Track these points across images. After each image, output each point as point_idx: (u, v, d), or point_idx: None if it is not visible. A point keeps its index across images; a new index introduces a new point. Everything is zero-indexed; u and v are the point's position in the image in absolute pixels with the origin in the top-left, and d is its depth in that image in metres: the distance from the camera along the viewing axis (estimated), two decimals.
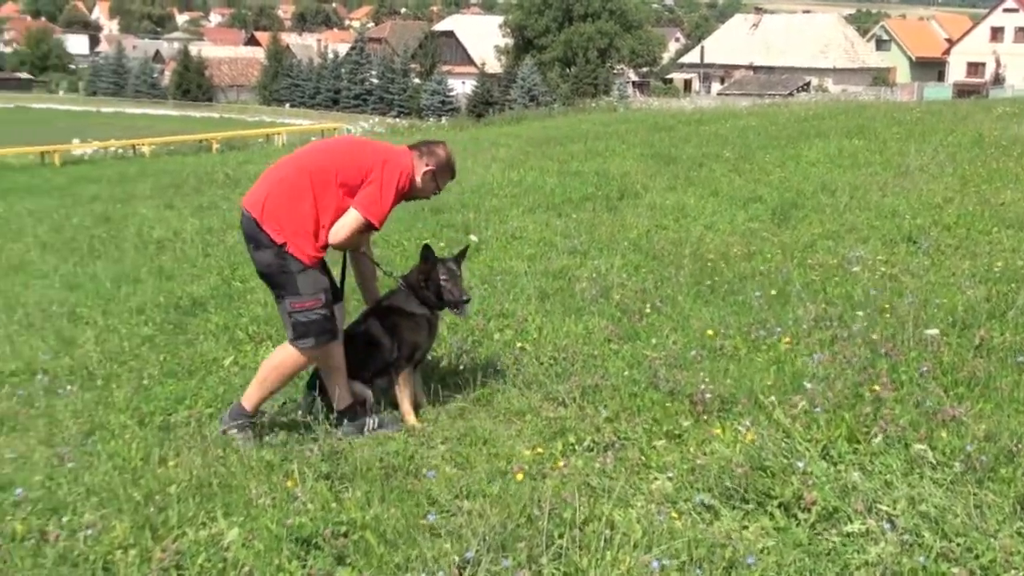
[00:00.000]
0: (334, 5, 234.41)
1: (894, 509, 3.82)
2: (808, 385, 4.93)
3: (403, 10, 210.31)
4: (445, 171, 5.14)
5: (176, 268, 9.27)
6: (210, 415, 5.22)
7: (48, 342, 6.79)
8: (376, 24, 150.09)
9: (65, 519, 3.97)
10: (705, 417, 4.87)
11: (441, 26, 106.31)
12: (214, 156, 26.02)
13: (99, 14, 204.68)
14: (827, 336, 5.95)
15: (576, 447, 4.72)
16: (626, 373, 5.58)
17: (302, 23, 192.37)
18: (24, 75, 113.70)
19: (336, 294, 5.05)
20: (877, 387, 4.85)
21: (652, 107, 31.75)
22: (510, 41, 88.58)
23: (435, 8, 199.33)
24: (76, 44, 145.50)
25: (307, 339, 4.80)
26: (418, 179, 5.03)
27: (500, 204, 11.59)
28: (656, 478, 4.30)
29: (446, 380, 5.69)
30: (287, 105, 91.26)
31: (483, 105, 71.86)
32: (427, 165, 5.04)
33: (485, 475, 4.41)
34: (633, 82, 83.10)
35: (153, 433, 5.00)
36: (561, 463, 4.47)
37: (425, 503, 4.12)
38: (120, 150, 28.67)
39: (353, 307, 5.91)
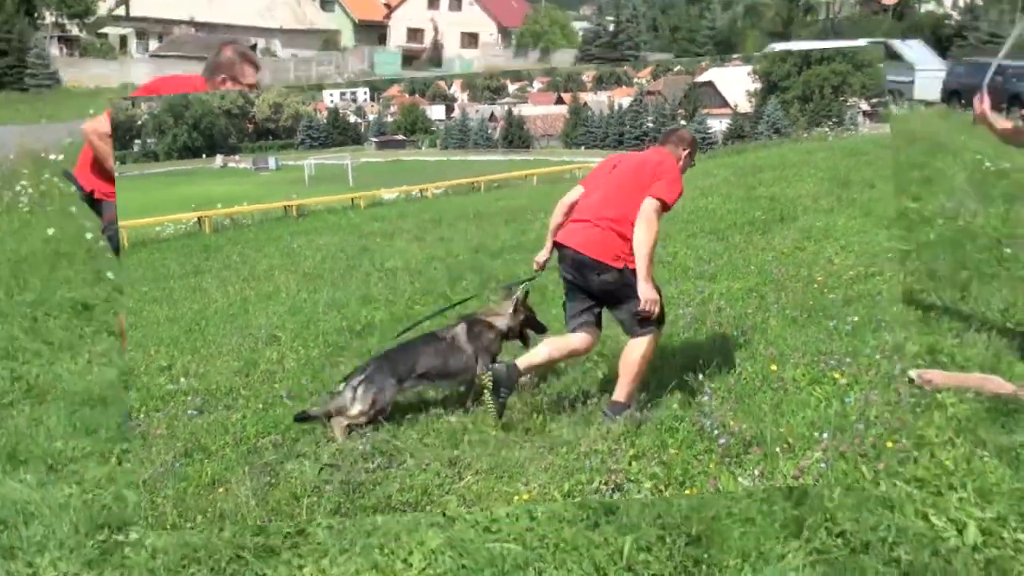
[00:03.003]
0: (625, 68, 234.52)
1: None
2: (824, 435, 3.63)
3: (676, 68, 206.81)
4: (695, 147, 4.72)
5: (379, 294, 8.26)
6: (292, 439, 4.58)
7: (232, 363, 6.21)
8: (654, 79, 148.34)
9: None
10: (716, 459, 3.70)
11: (702, 78, 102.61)
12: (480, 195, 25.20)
13: (455, 89, 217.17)
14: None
15: (585, 487, 3.72)
16: (675, 406, 4.44)
17: (599, 84, 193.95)
18: (400, 137, 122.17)
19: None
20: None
21: (860, 134, 28.39)
22: (759, 85, 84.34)
23: (703, 64, 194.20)
24: (436, 111, 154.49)
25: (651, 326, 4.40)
26: (682, 164, 4.67)
27: (670, 230, 10.31)
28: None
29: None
30: (583, 147, 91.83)
31: (735, 139, 68.49)
32: (684, 150, 4.66)
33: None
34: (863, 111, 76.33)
35: (238, 456, 4.40)
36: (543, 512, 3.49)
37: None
38: (416, 193, 28.78)
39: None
